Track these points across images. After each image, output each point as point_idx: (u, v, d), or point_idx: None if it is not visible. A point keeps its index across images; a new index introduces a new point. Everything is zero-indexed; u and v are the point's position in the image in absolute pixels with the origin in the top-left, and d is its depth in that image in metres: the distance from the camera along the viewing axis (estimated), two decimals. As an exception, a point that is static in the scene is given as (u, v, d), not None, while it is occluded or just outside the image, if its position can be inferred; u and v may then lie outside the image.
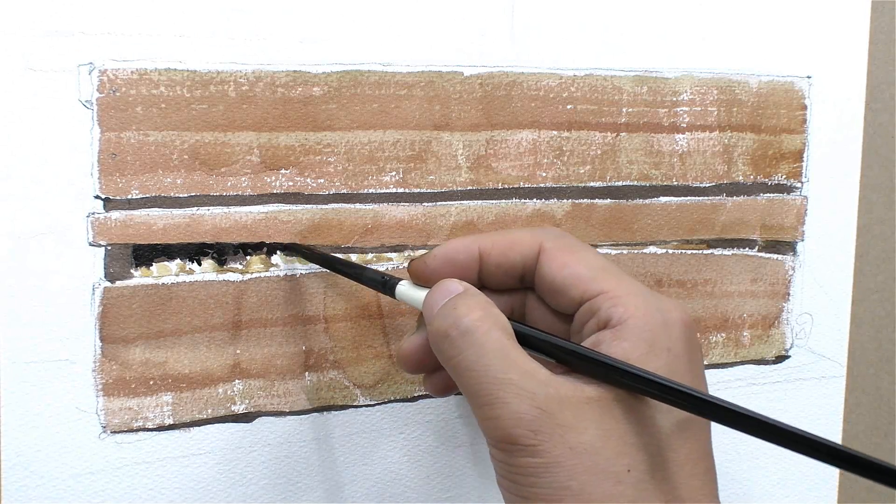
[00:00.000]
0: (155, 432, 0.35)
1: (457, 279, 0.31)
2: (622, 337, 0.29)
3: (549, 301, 0.32)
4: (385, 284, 0.33)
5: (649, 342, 0.29)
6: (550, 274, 0.31)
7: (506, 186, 0.40)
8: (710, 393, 0.28)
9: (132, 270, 0.34)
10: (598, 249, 0.42)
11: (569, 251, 0.32)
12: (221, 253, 0.36)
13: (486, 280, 0.33)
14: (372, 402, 0.39)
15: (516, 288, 0.33)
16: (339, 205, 0.37)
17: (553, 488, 0.27)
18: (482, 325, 0.29)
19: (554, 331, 0.33)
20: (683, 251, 0.43)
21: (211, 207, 0.35)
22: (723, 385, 0.45)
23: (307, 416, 0.38)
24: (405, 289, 0.33)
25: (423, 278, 0.32)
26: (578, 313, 0.31)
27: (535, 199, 0.40)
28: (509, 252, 0.32)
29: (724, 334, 0.45)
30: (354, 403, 0.38)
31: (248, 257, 0.36)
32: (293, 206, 0.36)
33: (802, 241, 0.46)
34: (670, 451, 0.28)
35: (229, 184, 0.35)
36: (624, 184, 0.42)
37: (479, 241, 0.33)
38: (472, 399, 0.29)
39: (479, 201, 0.39)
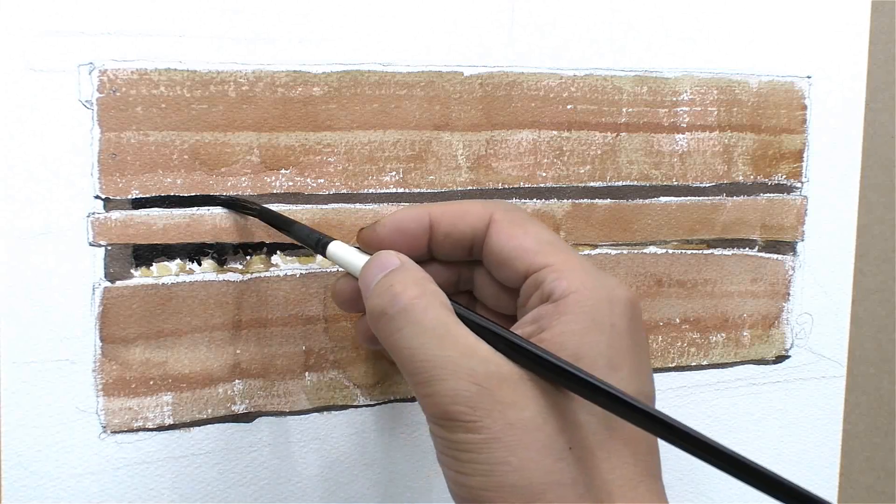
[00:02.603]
0: (155, 432, 0.35)
1: (394, 252, 0.31)
2: (564, 311, 0.28)
3: (495, 273, 0.32)
4: (317, 243, 0.33)
5: (591, 317, 0.28)
6: (498, 245, 0.31)
7: (506, 186, 0.40)
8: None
9: (132, 270, 0.34)
10: (598, 249, 0.42)
11: (518, 224, 0.31)
12: (221, 253, 0.36)
13: (435, 250, 0.33)
14: (372, 402, 0.39)
15: (465, 260, 0.33)
16: (339, 205, 0.37)
17: (492, 464, 0.26)
18: (419, 301, 0.28)
19: (500, 304, 0.32)
20: (683, 251, 0.43)
21: (211, 207, 0.35)
22: (723, 385, 0.45)
23: (307, 416, 0.38)
24: (338, 249, 0.32)
25: (372, 247, 0.32)
26: (524, 286, 0.30)
27: (535, 199, 0.40)
28: (459, 222, 0.32)
29: (724, 334, 0.45)
30: (354, 403, 0.38)
31: (248, 257, 0.36)
32: (293, 206, 0.36)
33: (802, 241, 0.46)
34: (611, 430, 0.28)
35: (229, 184, 0.35)
36: (624, 184, 0.42)
37: (429, 210, 0.32)
38: (410, 377, 0.28)
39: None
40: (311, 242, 0.33)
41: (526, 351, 0.27)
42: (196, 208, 0.35)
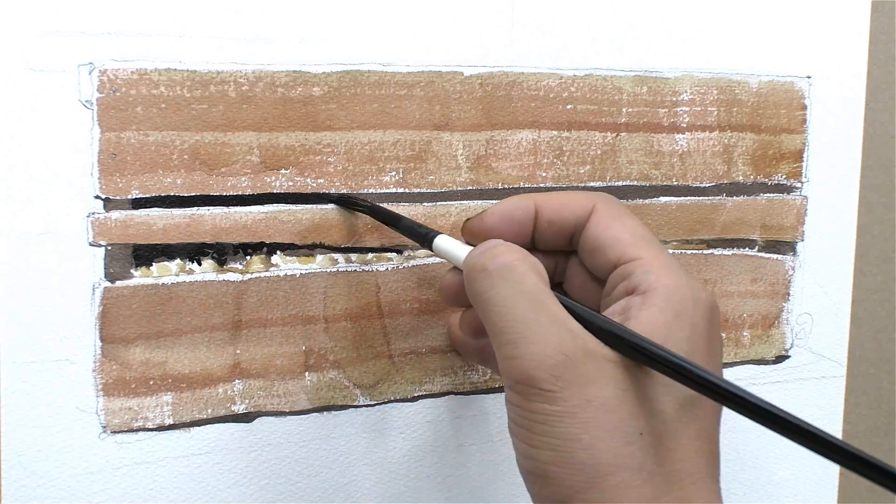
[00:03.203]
0: (155, 432, 0.35)
1: (500, 240, 0.31)
2: (651, 303, 0.29)
3: (587, 260, 0.33)
4: (425, 237, 0.34)
5: (676, 311, 0.29)
6: (595, 233, 0.32)
7: (506, 186, 0.40)
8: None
9: (132, 270, 0.34)
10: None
11: (617, 216, 0.32)
12: (221, 253, 0.36)
13: (537, 239, 0.33)
14: (372, 402, 0.39)
15: (561, 251, 0.34)
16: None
17: (564, 439, 0.27)
18: (520, 265, 0.29)
19: (586, 296, 0.33)
20: (683, 251, 0.43)
21: (211, 207, 0.35)
22: (723, 385, 0.45)
23: (307, 416, 0.38)
24: (444, 242, 0.33)
25: (479, 236, 0.33)
26: (612, 276, 0.31)
27: (535, 199, 0.40)
28: (563, 210, 0.33)
29: (724, 334, 0.45)
30: (354, 403, 0.38)
31: (248, 257, 0.36)
32: (293, 206, 0.36)
33: (802, 241, 0.46)
34: (680, 424, 0.28)
35: (229, 184, 0.35)
36: (624, 184, 0.42)
37: (535, 198, 0.33)
38: (497, 336, 0.28)
39: (480, 201, 0.39)
40: (419, 236, 0.34)
41: (615, 333, 0.28)
42: (196, 208, 0.35)
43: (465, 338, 0.36)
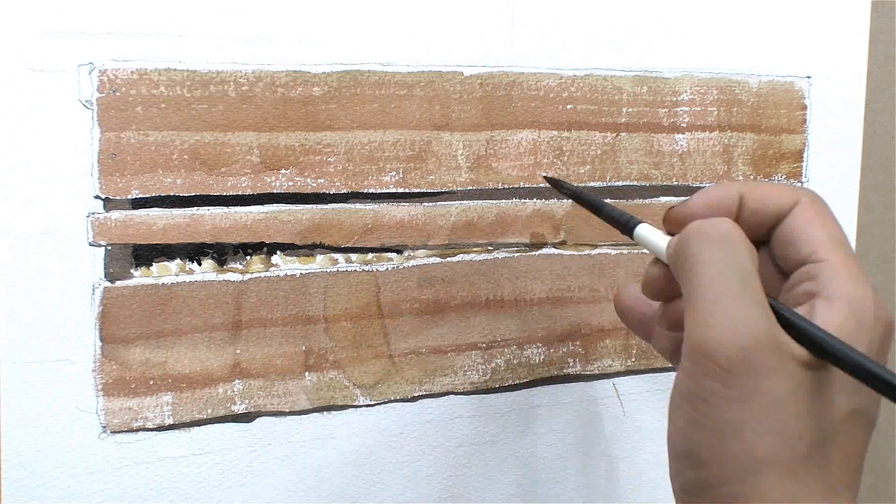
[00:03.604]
0: (155, 432, 0.35)
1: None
2: (836, 310, 0.28)
3: (778, 251, 0.32)
4: (627, 224, 0.33)
5: (858, 323, 0.28)
6: (793, 226, 0.31)
7: (506, 186, 0.40)
8: None
9: (132, 270, 0.34)
10: (598, 249, 0.42)
11: (820, 214, 0.32)
12: (221, 253, 0.36)
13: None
14: (372, 402, 0.39)
15: (758, 241, 0.33)
16: (339, 205, 0.37)
17: (724, 423, 0.26)
18: (741, 241, 0.29)
19: (770, 285, 0.32)
20: (683, 251, 0.43)
21: (211, 207, 0.35)
22: (723, 385, 0.45)
23: (307, 416, 0.38)
24: (646, 231, 0.33)
25: (684, 223, 0.32)
26: (798, 272, 0.31)
27: (535, 199, 0.40)
28: (769, 201, 0.32)
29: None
30: (354, 403, 0.38)
31: (248, 257, 0.36)
32: (293, 206, 0.36)
33: (802, 241, 0.46)
34: (841, 433, 0.28)
35: (229, 184, 0.35)
36: (624, 184, 0.42)
37: (739, 186, 0.32)
38: (696, 300, 0.28)
39: (479, 201, 0.39)
40: (620, 224, 0.34)
41: (810, 334, 0.27)
42: (196, 208, 0.35)
43: (660, 330, 0.35)
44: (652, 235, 0.32)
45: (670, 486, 0.29)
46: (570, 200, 0.41)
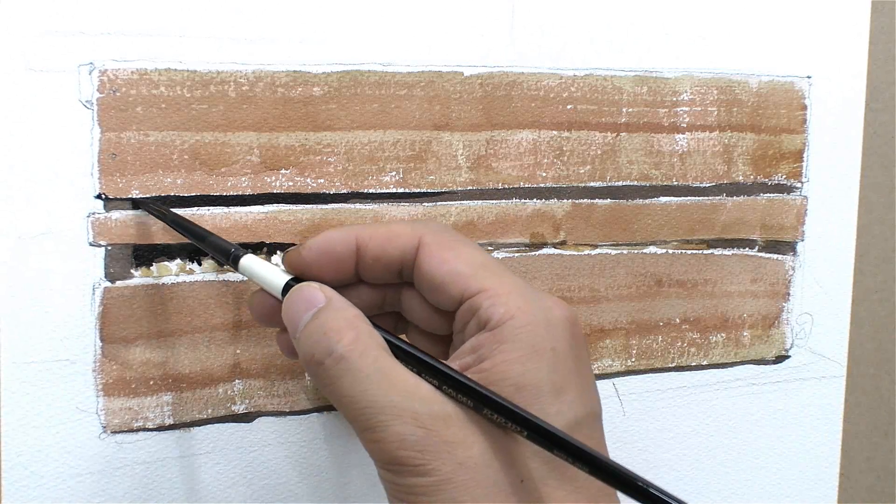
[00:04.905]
0: (155, 432, 0.35)
1: (317, 285, 0.30)
2: (503, 339, 0.28)
3: (428, 298, 0.31)
4: (230, 255, 0.31)
5: (531, 343, 0.28)
6: (430, 270, 0.30)
7: (506, 186, 0.40)
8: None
9: (132, 270, 0.34)
10: (598, 249, 0.42)
11: (448, 247, 0.30)
12: (221, 253, 0.36)
13: (363, 273, 0.31)
14: (372, 402, 0.39)
15: (394, 282, 0.32)
16: (339, 205, 0.37)
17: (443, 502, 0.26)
18: (356, 347, 0.27)
19: (434, 326, 0.32)
20: (683, 251, 0.43)
21: (211, 207, 0.35)
22: (723, 385, 0.45)
23: (307, 416, 0.38)
24: (251, 263, 0.31)
25: (298, 271, 0.31)
26: (459, 312, 0.30)
27: (535, 199, 0.40)
28: (387, 245, 0.31)
29: (724, 334, 0.45)
30: (354, 403, 0.38)
31: (248, 257, 0.36)
32: (293, 206, 0.36)
33: (802, 241, 0.46)
34: (558, 464, 0.27)
35: (229, 184, 0.35)
36: (624, 184, 0.42)
37: (356, 232, 0.31)
38: (353, 424, 0.28)
39: (480, 201, 0.39)
40: (221, 255, 0.32)
41: (466, 388, 0.27)
42: (196, 208, 0.35)
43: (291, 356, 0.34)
44: (260, 270, 0.31)
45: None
46: (569, 201, 0.41)
